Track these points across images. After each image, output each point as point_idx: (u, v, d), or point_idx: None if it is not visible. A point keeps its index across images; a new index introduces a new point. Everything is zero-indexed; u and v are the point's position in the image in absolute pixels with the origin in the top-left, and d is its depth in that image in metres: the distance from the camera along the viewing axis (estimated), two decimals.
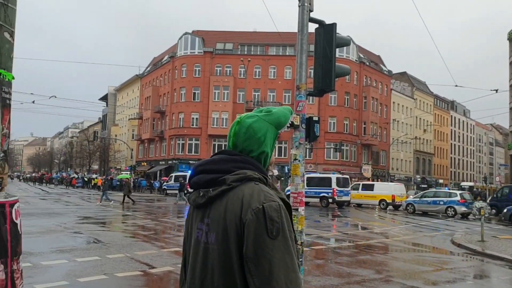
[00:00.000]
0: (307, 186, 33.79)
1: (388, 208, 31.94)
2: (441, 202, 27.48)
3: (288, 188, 34.35)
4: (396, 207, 32.01)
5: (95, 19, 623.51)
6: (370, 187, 33.79)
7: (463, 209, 26.42)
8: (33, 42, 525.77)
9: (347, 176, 35.51)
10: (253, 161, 1.65)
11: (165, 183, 45.76)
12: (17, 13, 2.53)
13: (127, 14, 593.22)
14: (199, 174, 1.65)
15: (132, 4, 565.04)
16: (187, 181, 1.69)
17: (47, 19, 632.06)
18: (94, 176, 64.77)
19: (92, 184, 57.31)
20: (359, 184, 35.46)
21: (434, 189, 36.26)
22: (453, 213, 26.68)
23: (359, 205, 34.07)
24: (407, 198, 31.98)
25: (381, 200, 32.19)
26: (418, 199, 29.30)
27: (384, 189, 32.95)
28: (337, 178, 32.35)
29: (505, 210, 23.05)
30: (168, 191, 43.22)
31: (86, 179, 61.71)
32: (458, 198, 27.18)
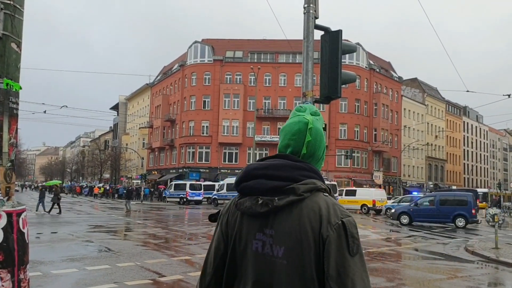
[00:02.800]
0: (227, 190, 36.41)
1: (370, 212, 33.57)
2: None
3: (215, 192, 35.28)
4: (378, 212, 33.79)
5: (109, 23, 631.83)
6: (352, 193, 35.63)
7: None
8: (46, 47, 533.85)
9: (335, 183, 36.91)
10: (316, 169, 1.55)
11: (165, 191, 46.12)
12: (27, 20, 2.55)
13: (142, 18, 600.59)
14: (256, 179, 1.49)
15: (147, 9, 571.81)
16: (234, 184, 1.61)
17: (61, 22, 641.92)
18: (99, 185, 65.93)
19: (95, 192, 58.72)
20: (343, 190, 37.07)
21: (410, 194, 37.43)
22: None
23: None
24: (387, 203, 33.62)
25: (362, 205, 33.77)
26: (397, 204, 30.37)
27: (366, 195, 34.73)
28: None
29: (393, 210, 24.81)
30: (168, 199, 43.79)
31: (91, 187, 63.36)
32: None
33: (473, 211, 22.71)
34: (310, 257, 1.39)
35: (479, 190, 71.45)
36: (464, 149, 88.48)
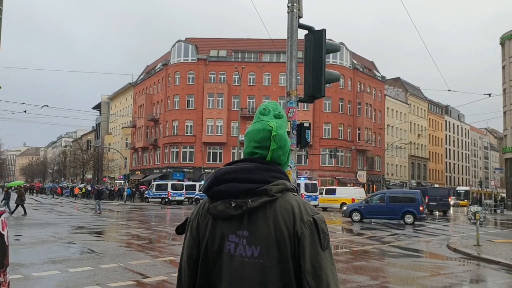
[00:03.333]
0: None
1: None
2: None
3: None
4: None
5: (92, 19, 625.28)
6: (332, 192, 36.53)
7: None
8: (27, 44, 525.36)
9: (316, 182, 37.49)
10: (283, 170, 1.62)
11: (146, 191, 46.07)
12: (5, 16, 2.48)
13: (125, 15, 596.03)
14: (228, 182, 1.53)
15: (131, 5, 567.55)
16: (202, 189, 1.64)
17: (42, 19, 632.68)
18: (80, 185, 65.62)
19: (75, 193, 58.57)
20: (323, 189, 37.73)
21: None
22: None
23: (324, 209, 35.49)
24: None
25: (342, 203, 33.96)
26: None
27: (345, 193, 35.51)
28: (306, 184, 35.15)
29: (345, 208, 25.64)
30: (150, 199, 43.93)
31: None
32: None
33: (421, 208, 23.51)
34: (287, 255, 1.44)
35: (459, 188, 72.81)
36: (446, 148, 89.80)
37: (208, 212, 1.55)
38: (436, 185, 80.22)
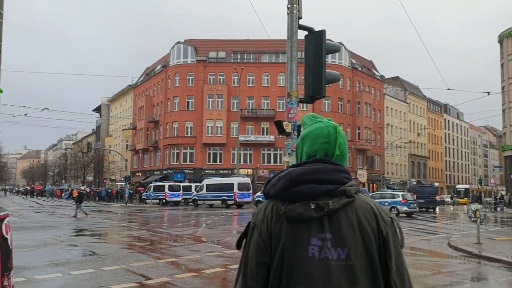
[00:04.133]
0: (207, 191, 37.74)
1: None
2: (386, 203, 28.80)
3: (258, 194, 36.12)
4: None
5: (92, 20, 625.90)
6: None
7: (405, 208, 28.85)
8: (27, 46, 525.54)
9: (249, 181, 37.54)
10: (348, 171, 1.62)
11: (144, 193, 46.42)
12: (5, 18, 2.50)
13: (125, 17, 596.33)
14: (305, 184, 1.49)
15: (131, 6, 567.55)
16: (271, 191, 1.56)
17: (42, 20, 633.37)
18: (81, 187, 65.79)
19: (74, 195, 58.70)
20: None
21: (380, 191, 38.15)
22: (396, 212, 28.22)
23: None
24: None
25: None
26: None
27: None
28: (239, 183, 35.94)
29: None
30: (148, 201, 44.40)
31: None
32: (400, 199, 29.36)
33: None
34: (374, 255, 1.45)
35: (459, 186, 72.83)
36: (445, 146, 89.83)
37: (285, 215, 1.49)
38: (436, 184, 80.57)
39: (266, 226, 1.52)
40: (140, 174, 63.58)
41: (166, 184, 43.52)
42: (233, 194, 35.60)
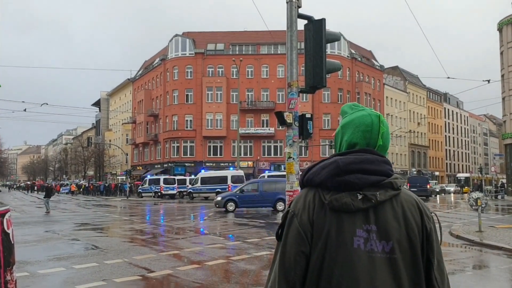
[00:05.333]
0: (202, 184, 38.20)
1: None
2: None
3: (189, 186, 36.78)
4: None
5: (90, 12, 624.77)
6: None
7: None
8: (25, 38, 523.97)
9: (242, 174, 37.63)
10: (391, 163, 1.61)
11: (140, 187, 47.07)
12: (8, 8, 2.46)
13: (124, 8, 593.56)
14: (353, 173, 1.46)
15: None
16: (316, 178, 1.49)
17: (40, 12, 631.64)
18: (82, 182, 66.51)
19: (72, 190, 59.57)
20: None
21: None
22: None
23: None
24: None
25: None
26: None
27: None
28: (232, 176, 36.49)
29: (219, 198, 24.64)
30: (143, 194, 45.24)
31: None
32: None
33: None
34: (417, 249, 1.43)
35: (460, 175, 72.90)
36: (445, 135, 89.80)
37: (330, 205, 1.45)
38: (437, 173, 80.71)
39: (308, 215, 1.47)
40: (140, 168, 63.62)
41: (161, 178, 44.55)
42: (227, 186, 35.97)
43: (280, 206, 23.92)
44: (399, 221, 1.43)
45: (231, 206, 23.84)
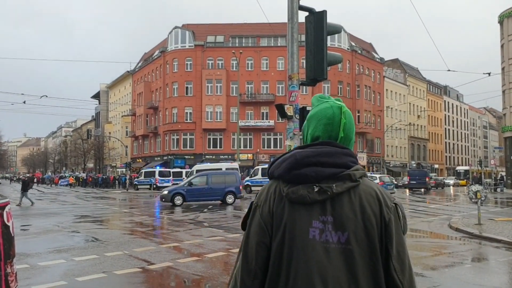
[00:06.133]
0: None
1: None
2: None
3: (247, 179, 36.57)
4: None
5: (90, 1, 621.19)
6: None
7: None
8: (24, 28, 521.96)
9: (236, 166, 37.24)
10: (355, 155, 1.59)
11: (136, 179, 47.40)
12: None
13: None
14: (309, 167, 1.48)
15: None
16: (274, 172, 1.55)
17: (40, 2, 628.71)
18: (81, 174, 66.82)
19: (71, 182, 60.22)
20: None
21: None
22: None
23: None
24: None
25: None
26: None
27: None
28: (227, 169, 35.62)
29: (165, 192, 23.50)
30: (139, 187, 45.64)
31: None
32: (378, 181, 30.28)
33: (240, 188, 24.59)
34: (374, 240, 1.44)
35: (459, 168, 72.98)
36: (445, 128, 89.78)
37: (287, 197, 1.49)
38: (436, 166, 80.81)
39: (268, 207, 1.52)
40: (140, 160, 63.65)
41: (157, 170, 45.03)
42: None
43: (230, 199, 23.56)
44: (356, 212, 1.44)
45: (178, 200, 22.86)
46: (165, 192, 23.49)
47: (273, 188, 1.55)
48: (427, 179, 44.84)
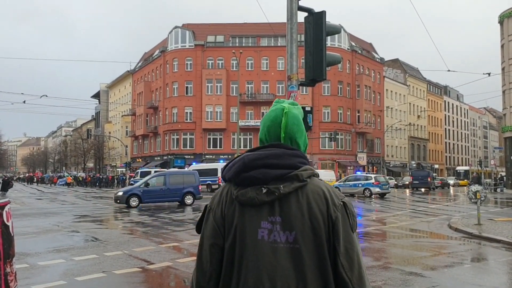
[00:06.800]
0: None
1: None
2: (360, 185, 31.39)
3: None
4: None
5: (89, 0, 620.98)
6: None
7: (377, 190, 30.50)
8: (24, 26, 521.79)
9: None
10: (306, 156, 1.61)
11: (132, 179, 47.27)
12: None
13: None
14: (257, 169, 1.52)
15: None
16: (226, 175, 1.61)
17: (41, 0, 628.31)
18: (82, 174, 66.88)
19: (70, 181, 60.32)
20: None
21: (354, 174, 39.83)
22: (369, 193, 30.49)
23: None
24: (335, 183, 35.54)
25: None
26: (343, 183, 33.28)
27: None
28: (222, 169, 36.31)
29: (120, 193, 22.47)
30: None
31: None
32: (373, 181, 30.98)
33: (199, 188, 23.95)
34: (322, 238, 1.47)
35: (459, 168, 72.99)
36: (445, 128, 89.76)
37: (237, 199, 1.53)
38: (436, 166, 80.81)
39: (221, 210, 1.57)
40: (140, 160, 63.64)
41: (152, 170, 45.02)
42: (217, 178, 36.16)
43: (188, 200, 22.96)
44: (303, 212, 1.47)
45: (134, 202, 21.81)
46: (120, 193, 22.43)
47: (225, 191, 1.60)
48: (429, 179, 46.09)
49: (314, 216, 1.46)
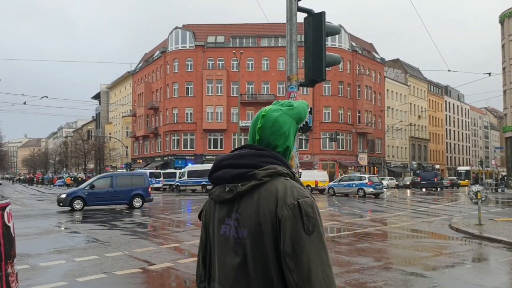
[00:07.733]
0: (188, 177, 39.19)
1: (313, 192, 35.08)
2: (354, 185, 31.78)
3: None
4: (321, 191, 36.21)
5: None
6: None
7: (371, 190, 30.83)
8: (25, 25, 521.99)
9: None
10: (280, 156, 1.64)
11: None
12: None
13: None
14: (223, 169, 1.61)
15: None
16: (208, 176, 1.76)
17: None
18: (81, 174, 67.00)
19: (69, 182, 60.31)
20: None
21: (349, 174, 40.40)
22: (363, 193, 30.86)
23: None
24: (328, 183, 36.21)
25: (306, 186, 36.35)
26: (337, 183, 33.81)
27: (309, 176, 36.66)
28: None
29: (63, 195, 21.30)
30: None
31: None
32: (367, 181, 31.35)
33: (149, 190, 23.19)
34: (269, 236, 1.49)
35: (460, 168, 72.98)
36: (446, 128, 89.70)
37: (210, 197, 1.66)
38: (437, 166, 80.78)
39: (206, 208, 1.72)
40: (141, 161, 63.68)
41: (148, 171, 45.22)
42: None
43: (137, 202, 21.89)
44: (254, 210, 1.52)
45: (78, 204, 20.75)
46: (63, 195, 21.25)
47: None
48: (436, 180, 47.75)
49: (263, 214, 1.49)
